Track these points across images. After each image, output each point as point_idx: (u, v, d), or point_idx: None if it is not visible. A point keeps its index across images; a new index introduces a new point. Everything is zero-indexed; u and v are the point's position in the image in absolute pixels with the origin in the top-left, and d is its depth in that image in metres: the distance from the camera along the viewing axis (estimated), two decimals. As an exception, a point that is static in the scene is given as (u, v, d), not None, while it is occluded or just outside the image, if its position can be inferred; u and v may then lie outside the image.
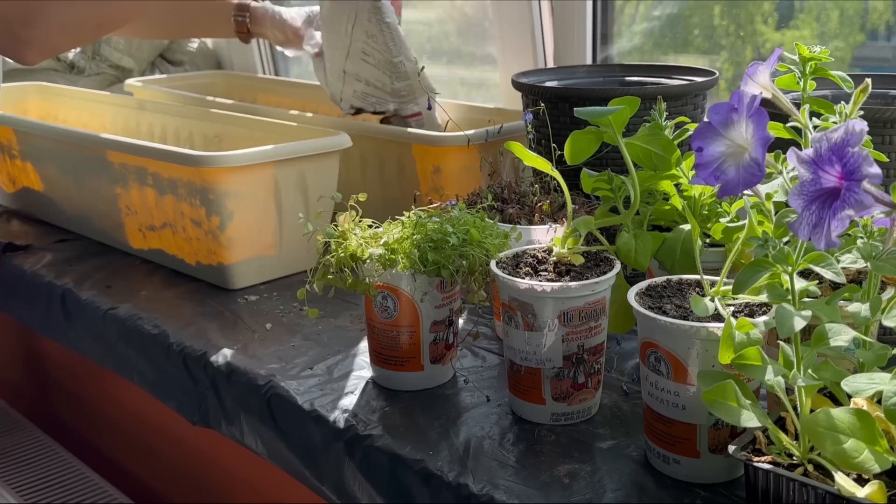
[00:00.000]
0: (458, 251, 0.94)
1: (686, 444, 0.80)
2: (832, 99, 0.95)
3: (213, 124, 1.63)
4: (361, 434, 0.91)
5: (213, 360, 1.10)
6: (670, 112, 1.04)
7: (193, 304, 1.28)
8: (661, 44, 1.63)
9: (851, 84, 0.82)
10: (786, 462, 0.69)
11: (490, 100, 1.88)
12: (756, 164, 0.69)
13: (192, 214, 1.30)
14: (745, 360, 0.70)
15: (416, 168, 1.41)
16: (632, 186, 0.93)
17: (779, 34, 1.48)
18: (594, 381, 0.91)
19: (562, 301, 0.86)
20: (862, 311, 0.70)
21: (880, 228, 0.73)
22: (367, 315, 1.01)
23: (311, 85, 1.98)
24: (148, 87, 1.93)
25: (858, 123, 0.63)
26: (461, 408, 0.96)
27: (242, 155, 1.26)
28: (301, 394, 1.00)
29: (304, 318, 1.20)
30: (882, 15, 1.39)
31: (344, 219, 0.99)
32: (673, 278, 0.88)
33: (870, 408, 0.67)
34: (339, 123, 1.48)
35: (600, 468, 0.84)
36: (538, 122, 1.20)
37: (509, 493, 0.80)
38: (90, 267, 1.45)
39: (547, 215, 1.08)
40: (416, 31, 2.15)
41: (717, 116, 0.73)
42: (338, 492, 0.94)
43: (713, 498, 0.79)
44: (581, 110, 0.92)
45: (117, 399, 1.67)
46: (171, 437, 1.55)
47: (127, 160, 1.39)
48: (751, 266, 0.72)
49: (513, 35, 1.64)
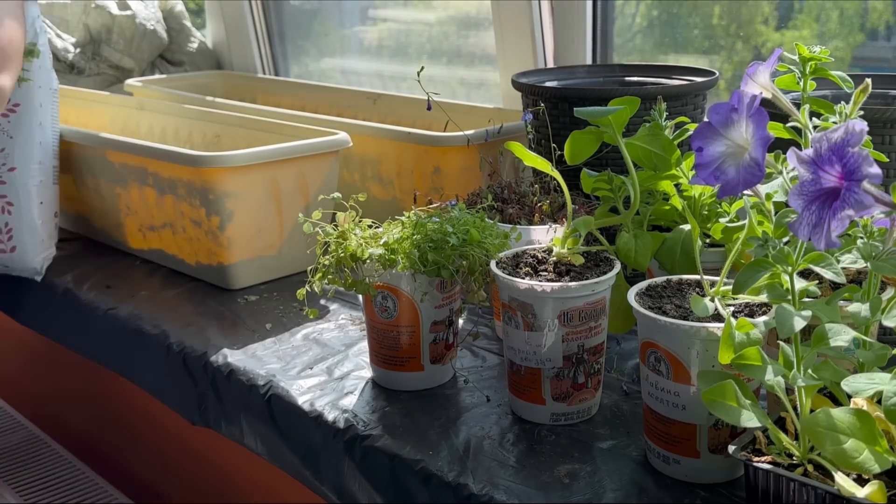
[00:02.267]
0: (458, 251, 0.94)
1: (686, 444, 0.80)
2: (832, 99, 0.95)
3: (213, 124, 1.63)
4: (361, 434, 0.91)
5: (213, 360, 1.10)
6: (670, 112, 1.04)
7: (193, 304, 1.28)
8: (661, 44, 1.63)
9: (851, 84, 0.82)
10: (786, 462, 0.69)
11: (490, 100, 1.88)
12: (756, 164, 0.69)
13: (192, 214, 1.30)
14: (745, 360, 0.70)
15: (415, 168, 1.41)
16: (632, 186, 0.93)
17: (779, 34, 1.48)
18: (594, 381, 0.91)
19: (562, 301, 0.86)
20: (862, 311, 0.70)
21: (880, 228, 0.73)
22: (367, 315, 1.01)
23: (311, 85, 1.98)
24: (148, 87, 1.93)
25: (858, 123, 0.63)
26: (461, 408, 0.96)
27: (242, 155, 1.26)
28: (301, 394, 1.00)
29: (304, 318, 1.20)
30: (882, 15, 1.39)
31: (344, 219, 0.99)
32: (673, 278, 0.88)
33: (870, 408, 0.67)
34: (339, 123, 1.48)
35: (600, 468, 0.84)
36: (538, 122, 1.20)
37: (509, 493, 0.80)
38: (90, 267, 1.45)
39: (547, 215, 1.08)
40: (416, 31, 2.15)
41: (717, 116, 0.73)
42: (338, 492, 0.94)
43: (713, 498, 0.79)
44: (581, 110, 0.92)
45: (117, 399, 1.67)
46: (171, 437, 1.55)
47: (127, 160, 1.39)
48: (751, 266, 0.72)
49: (513, 35, 1.64)
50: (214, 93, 1.97)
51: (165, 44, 2.28)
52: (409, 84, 2.05)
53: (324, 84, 1.98)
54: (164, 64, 2.31)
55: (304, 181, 1.33)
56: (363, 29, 2.28)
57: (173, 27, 2.31)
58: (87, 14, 2.21)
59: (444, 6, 2.05)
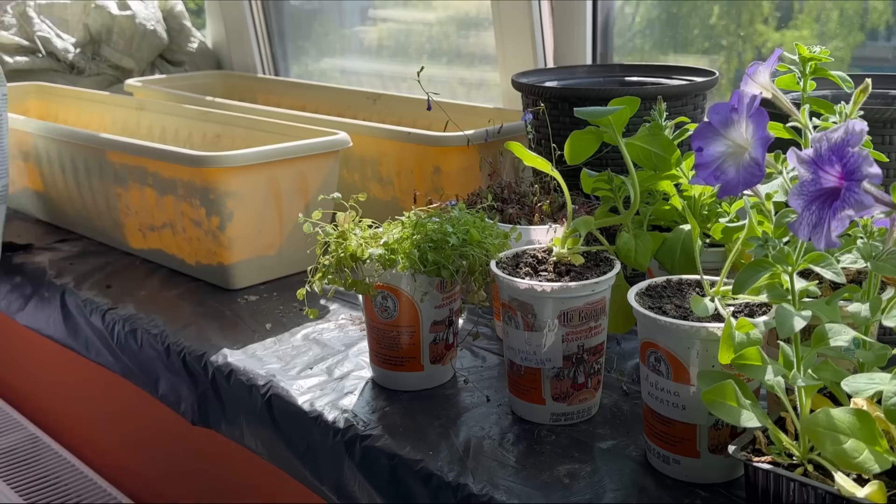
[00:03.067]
0: (458, 251, 0.94)
1: (686, 444, 0.80)
2: (832, 99, 0.95)
3: (213, 124, 1.63)
4: (361, 434, 0.91)
5: (213, 360, 1.10)
6: (670, 112, 1.04)
7: (193, 304, 1.28)
8: (661, 44, 1.63)
9: (851, 84, 0.82)
10: (786, 462, 0.69)
11: (490, 100, 1.88)
12: (756, 164, 0.69)
13: (192, 214, 1.30)
14: (745, 360, 0.70)
15: (415, 168, 1.41)
16: (632, 186, 0.93)
17: (779, 34, 1.48)
18: (594, 381, 0.91)
19: (562, 301, 0.86)
20: (862, 311, 0.70)
21: (880, 228, 0.73)
22: (367, 315, 1.01)
23: (311, 85, 1.98)
24: (148, 87, 1.93)
25: (858, 123, 0.63)
26: (461, 408, 0.96)
27: (242, 155, 1.26)
28: (301, 394, 1.00)
29: (304, 318, 1.20)
30: (882, 15, 1.39)
31: (344, 219, 0.99)
32: (673, 278, 0.88)
33: (870, 408, 0.67)
34: (339, 123, 1.48)
35: (600, 468, 0.84)
36: (538, 122, 1.20)
37: (509, 494, 0.80)
38: (90, 267, 1.45)
39: (547, 215, 1.08)
40: (416, 31, 2.15)
41: (717, 116, 0.73)
42: (338, 492, 0.94)
43: (713, 498, 0.79)
44: (581, 110, 0.92)
45: (117, 399, 1.66)
46: (171, 437, 1.55)
47: (127, 160, 1.39)
48: (751, 266, 0.72)
49: (513, 35, 1.64)
50: (214, 93, 1.97)
51: (165, 44, 2.28)
52: (409, 84, 2.05)
53: (324, 84, 1.99)
54: (164, 64, 2.31)
55: (304, 181, 1.33)
56: (363, 29, 2.29)
57: (173, 27, 2.31)
58: (87, 14, 2.21)
59: (444, 6, 2.05)
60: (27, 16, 2.18)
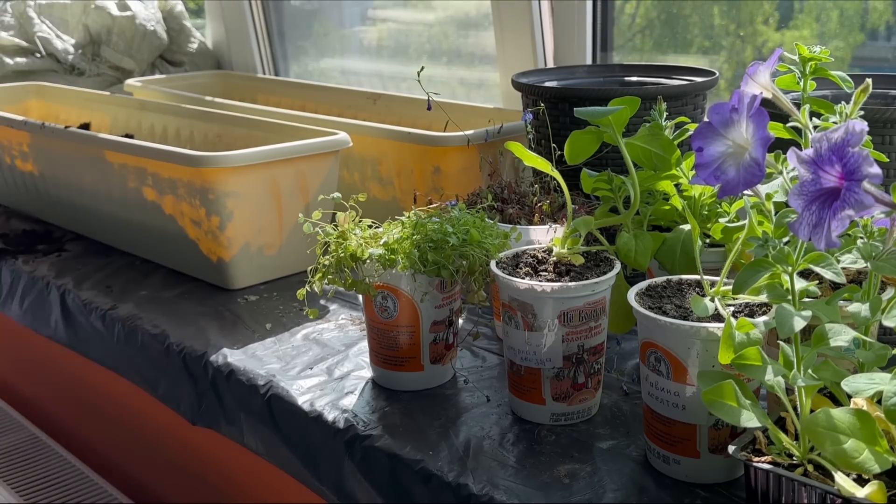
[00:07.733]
0: (458, 251, 0.94)
1: (686, 444, 0.80)
2: (832, 99, 0.95)
3: (213, 124, 1.63)
4: (361, 434, 0.91)
5: (213, 360, 1.10)
6: (670, 112, 1.04)
7: (193, 304, 1.28)
8: (661, 44, 1.63)
9: (851, 84, 0.82)
10: (786, 462, 0.69)
11: (490, 100, 1.88)
12: (756, 164, 0.69)
13: (191, 214, 1.30)
14: (745, 360, 0.70)
15: (415, 168, 1.41)
16: (632, 186, 0.93)
17: (779, 34, 1.48)
18: (594, 381, 0.91)
19: (562, 301, 0.86)
20: (862, 311, 0.70)
21: (880, 228, 0.73)
22: (367, 315, 1.01)
23: (311, 85, 1.98)
24: (148, 88, 1.93)
25: (858, 123, 0.63)
26: (461, 408, 0.96)
27: (242, 155, 1.26)
28: (301, 394, 1.00)
29: (304, 318, 1.20)
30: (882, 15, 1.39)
31: (344, 219, 0.99)
32: (673, 278, 0.88)
33: (870, 408, 0.67)
34: (339, 124, 1.48)
35: (600, 468, 0.84)
36: (538, 122, 1.20)
37: (509, 494, 0.80)
38: (90, 267, 1.45)
39: (547, 215, 1.08)
40: (415, 31, 2.15)
41: (718, 116, 0.73)
42: (338, 492, 0.94)
43: (713, 498, 0.79)
44: (581, 110, 0.92)
45: (117, 399, 1.66)
46: (171, 437, 1.54)
47: (127, 160, 1.39)
48: (751, 266, 0.72)
49: (513, 35, 1.64)
50: (214, 93, 1.97)
51: (165, 44, 2.28)
52: (409, 84, 2.05)
53: (324, 84, 1.98)
54: (164, 64, 2.31)
55: (304, 181, 1.33)
56: (363, 29, 2.28)
57: (173, 27, 2.31)
58: (87, 15, 2.21)
59: (444, 6, 2.05)
60: (27, 16, 2.18)
